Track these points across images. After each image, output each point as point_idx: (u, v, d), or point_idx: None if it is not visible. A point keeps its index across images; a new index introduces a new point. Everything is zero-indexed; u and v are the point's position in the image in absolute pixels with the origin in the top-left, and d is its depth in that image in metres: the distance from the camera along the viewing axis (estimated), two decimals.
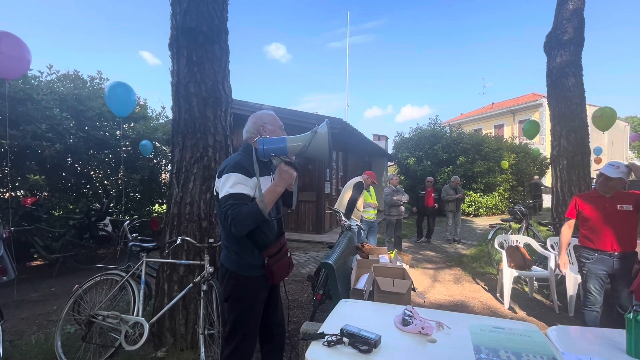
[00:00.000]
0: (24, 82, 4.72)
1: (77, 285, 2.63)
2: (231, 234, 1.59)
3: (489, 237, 5.64)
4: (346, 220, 4.24)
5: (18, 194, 5.12)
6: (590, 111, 4.94)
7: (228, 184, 1.52)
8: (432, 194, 7.32)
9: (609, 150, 22.83)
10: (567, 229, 2.90)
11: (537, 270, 3.89)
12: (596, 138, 18.48)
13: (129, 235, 3.97)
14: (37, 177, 4.78)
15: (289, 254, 1.81)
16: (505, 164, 11.99)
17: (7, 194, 4.80)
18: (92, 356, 2.48)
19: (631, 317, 1.28)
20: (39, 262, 5.45)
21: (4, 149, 4.44)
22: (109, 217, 5.71)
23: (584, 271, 2.71)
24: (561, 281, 3.98)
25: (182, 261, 2.55)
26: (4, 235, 2.62)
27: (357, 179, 4.98)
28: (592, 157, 13.45)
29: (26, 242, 4.68)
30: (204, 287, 2.29)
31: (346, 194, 4.79)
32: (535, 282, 4.29)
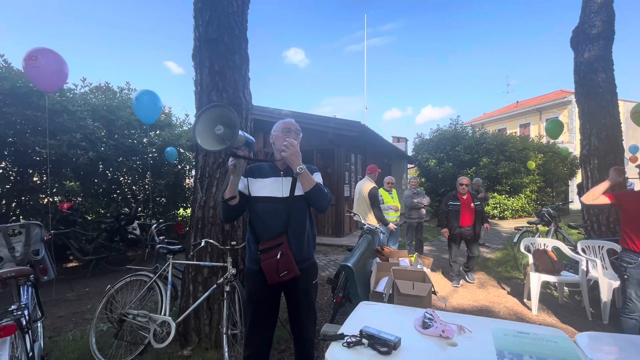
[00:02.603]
0: (60, 95, 5.06)
1: (109, 286, 2.78)
2: (248, 227, 1.88)
3: (515, 240, 5.44)
4: (365, 223, 4.23)
5: (56, 199, 5.46)
6: (622, 108, 4.69)
7: None
8: (472, 205, 4.61)
9: None
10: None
11: (567, 274, 3.72)
12: (632, 136, 17.41)
13: (156, 238, 4.14)
14: (73, 183, 5.10)
15: (278, 256, 1.68)
16: (531, 165, 11.52)
17: (46, 200, 5.13)
18: (124, 353, 2.61)
19: None
20: (74, 264, 5.78)
21: (43, 158, 4.77)
22: (137, 221, 5.98)
23: (625, 276, 2.55)
24: (594, 286, 3.78)
25: (206, 263, 2.64)
26: (45, 237, 2.82)
27: (369, 185, 4.72)
28: (627, 155, 12.67)
29: (62, 244, 4.99)
30: (227, 288, 2.36)
31: (365, 201, 4.69)
32: (565, 288, 4.09)
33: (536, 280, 3.63)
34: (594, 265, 3.64)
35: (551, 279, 3.68)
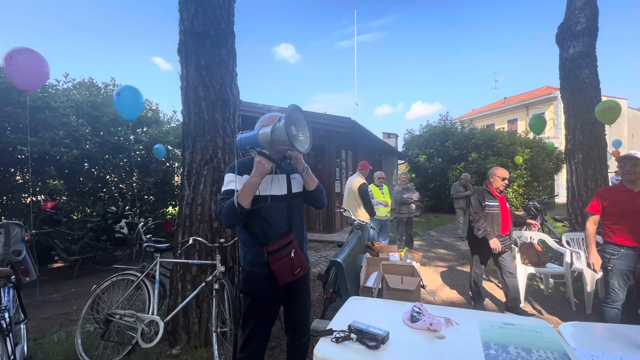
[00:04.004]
0: (42, 91, 4.89)
1: (95, 286, 2.72)
2: (239, 229, 1.74)
3: None
4: (355, 218, 4.24)
5: (39, 198, 5.31)
6: None
7: (224, 183, 1.70)
8: (507, 206, 3.53)
9: (629, 143, 22.02)
10: (592, 224, 2.76)
11: (552, 266, 3.81)
12: (615, 131, 17.89)
13: (143, 236, 4.08)
14: (57, 182, 4.95)
15: (292, 255, 1.66)
16: (519, 160, 11.73)
17: (29, 199, 4.98)
18: (111, 354, 2.56)
19: None
20: (59, 264, 5.64)
21: (24, 156, 4.62)
22: (125, 220, 5.86)
23: (609, 267, 2.62)
24: (578, 278, 3.89)
25: (195, 261, 2.61)
26: (26, 237, 2.74)
27: (359, 180, 4.76)
28: (610, 150, 13.03)
29: (47, 244, 4.86)
30: (216, 286, 2.33)
31: (355, 197, 4.70)
32: (550, 279, 4.19)
33: (522, 273, 3.70)
34: (578, 257, 3.73)
35: (537, 270, 3.76)
